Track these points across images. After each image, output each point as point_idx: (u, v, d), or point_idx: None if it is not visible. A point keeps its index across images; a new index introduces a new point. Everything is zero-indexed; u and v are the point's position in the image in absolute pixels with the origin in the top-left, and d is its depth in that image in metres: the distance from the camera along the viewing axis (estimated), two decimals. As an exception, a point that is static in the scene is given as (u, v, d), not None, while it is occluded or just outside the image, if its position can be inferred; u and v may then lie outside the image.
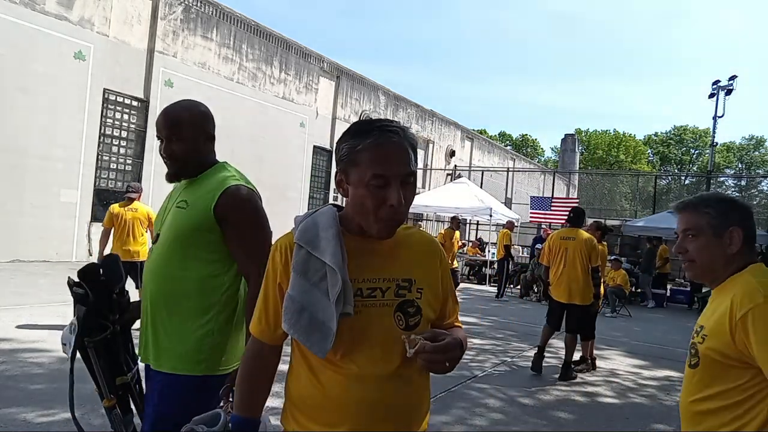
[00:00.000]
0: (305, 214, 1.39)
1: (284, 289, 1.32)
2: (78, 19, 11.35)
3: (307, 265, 1.29)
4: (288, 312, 1.29)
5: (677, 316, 12.41)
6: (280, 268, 1.35)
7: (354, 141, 1.29)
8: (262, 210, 2.01)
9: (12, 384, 4.08)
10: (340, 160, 1.32)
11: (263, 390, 1.43)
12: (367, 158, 1.26)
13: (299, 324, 1.28)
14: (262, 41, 15.91)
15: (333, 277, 1.26)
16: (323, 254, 1.28)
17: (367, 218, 1.29)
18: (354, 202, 1.31)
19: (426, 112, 24.00)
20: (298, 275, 1.29)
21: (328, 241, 1.29)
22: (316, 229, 1.32)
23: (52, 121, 10.99)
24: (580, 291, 5.75)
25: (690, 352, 1.64)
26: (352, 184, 1.29)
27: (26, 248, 10.72)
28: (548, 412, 4.67)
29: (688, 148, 54.63)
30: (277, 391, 4.79)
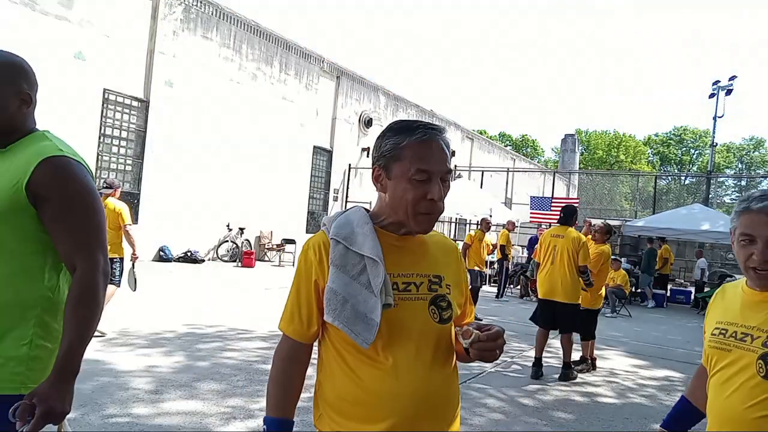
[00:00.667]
0: (335, 214, 1.44)
1: (320, 285, 1.35)
2: (78, 19, 11.35)
3: (346, 260, 1.33)
4: (331, 303, 1.31)
5: (677, 316, 12.41)
6: (315, 264, 1.37)
7: (399, 137, 1.35)
8: (93, 188, 1.58)
9: (12, 384, 4.07)
10: (381, 156, 1.37)
11: (298, 390, 1.43)
12: (411, 154, 1.33)
13: (343, 315, 1.30)
14: (262, 41, 15.91)
15: (374, 268, 1.31)
16: (362, 248, 1.33)
17: (407, 212, 1.34)
18: (394, 195, 1.35)
19: (426, 112, 24.01)
20: (337, 269, 1.33)
21: (365, 235, 1.35)
22: (350, 226, 1.37)
23: (51, 121, 10.97)
24: (563, 288, 5.73)
25: (761, 362, 1.46)
26: (394, 178, 1.35)
27: (26, 248, 10.71)
28: (548, 412, 4.67)
29: (688, 149, 54.64)
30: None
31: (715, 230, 13.03)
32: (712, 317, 1.66)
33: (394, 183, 1.35)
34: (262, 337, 6.39)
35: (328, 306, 1.31)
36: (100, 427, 3.48)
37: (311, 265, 1.37)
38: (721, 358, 1.54)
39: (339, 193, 19.48)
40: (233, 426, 3.71)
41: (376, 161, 1.39)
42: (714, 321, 1.63)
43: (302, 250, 1.42)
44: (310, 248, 1.39)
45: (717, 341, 1.57)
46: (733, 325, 1.55)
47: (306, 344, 1.41)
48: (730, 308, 1.60)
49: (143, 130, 12.83)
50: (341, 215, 1.42)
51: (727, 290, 1.69)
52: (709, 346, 1.59)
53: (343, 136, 19.41)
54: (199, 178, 14.18)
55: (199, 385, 4.44)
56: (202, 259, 13.95)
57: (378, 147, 1.38)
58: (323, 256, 1.36)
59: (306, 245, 1.41)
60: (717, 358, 1.55)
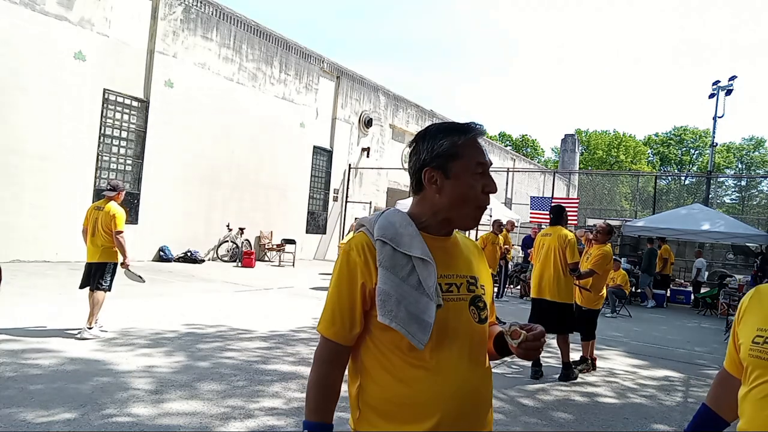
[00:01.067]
0: (374, 216, 1.44)
1: (367, 287, 1.34)
2: (78, 19, 11.35)
3: (394, 261, 1.32)
4: (387, 305, 1.30)
5: (677, 316, 12.41)
6: (360, 266, 1.35)
7: (454, 136, 1.39)
8: None
9: (12, 384, 4.08)
10: (436, 156, 1.38)
11: (337, 394, 1.41)
12: (470, 150, 1.39)
13: (399, 315, 1.29)
14: (262, 41, 15.92)
15: (425, 269, 1.33)
16: (410, 249, 1.33)
17: (467, 208, 1.39)
18: (456, 193, 1.38)
19: (426, 112, 24.01)
20: (387, 270, 1.32)
21: (411, 236, 1.36)
22: (394, 227, 1.37)
23: (51, 121, 11.00)
24: (550, 287, 5.72)
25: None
26: (454, 176, 1.38)
27: (26, 248, 10.73)
28: (548, 412, 4.67)
29: (688, 149, 54.66)
30: (276, 392, 4.77)
31: (715, 230, 13.03)
32: (751, 323, 1.51)
33: (453, 181, 1.37)
34: (262, 337, 6.39)
35: (384, 307, 1.30)
36: (100, 427, 3.48)
37: (355, 267, 1.35)
38: (766, 371, 1.42)
39: (339, 193, 19.48)
40: (233, 426, 3.71)
41: (429, 163, 1.39)
42: (754, 327, 1.48)
43: (342, 252, 1.40)
44: (353, 249, 1.37)
45: (761, 351, 1.44)
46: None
47: (347, 347, 1.39)
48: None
49: (143, 130, 12.83)
50: (380, 217, 1.42)
51: (765, 292, 1.56)
52: (751, 356, 1.45)
53: (343, 136, 19.41)
54: (199, 179, 14.18)
55: (199, 385, 4.45)
56: (202, 260, 13.95)
57: (429, 149, 1.39)
58: (369, 257, 1.35)
59: (347, 247, 1.39)
60: (761, 370, 1.43)
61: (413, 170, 1.43)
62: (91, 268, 5.86)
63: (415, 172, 1.43)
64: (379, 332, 1.35)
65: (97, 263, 5.83)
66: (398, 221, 1.38)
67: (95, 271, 5.83)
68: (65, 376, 4.41)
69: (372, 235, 1.38)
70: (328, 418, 1.39)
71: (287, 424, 3.84)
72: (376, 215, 1.43)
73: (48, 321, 6.13)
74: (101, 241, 5.82)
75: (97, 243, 5.83)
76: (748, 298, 1.59)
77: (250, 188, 15.73)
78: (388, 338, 1.33)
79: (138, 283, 6.31)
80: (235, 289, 10.20)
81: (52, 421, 3.52)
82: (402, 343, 1.32)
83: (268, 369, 5.12)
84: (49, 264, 10.71)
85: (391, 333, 1.31)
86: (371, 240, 1.37)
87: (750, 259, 19.34)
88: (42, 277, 9.20)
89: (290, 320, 7.53)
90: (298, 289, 10.90)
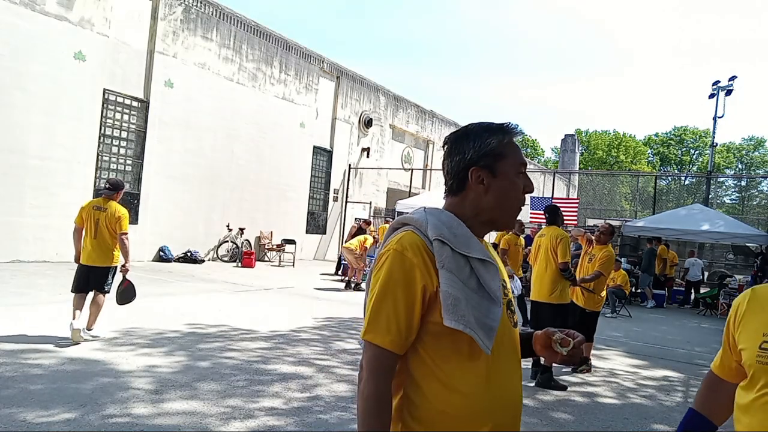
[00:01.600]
0: (419, 214, 1.36)
1: (429, 290, 1.26)
2: (78, 20, 11.36)
3: (454, 262, 1.26)
4: (458, 309, 1.23)
5: (677, 316, 12.41)
6: (419, 268, 1.26)
7: (500, 135, 1.37)
8: None
9: (12, 384, 4.09)
10: (484, 155, 1.35)
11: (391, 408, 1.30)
12: (513, 150, 1.38)
13: (469, 320, 1.23)
14: (262, 41, 15.92)
15: (485, 271, 1.29)
16: (468, 250, 1.28)
17: (512, 207, 1.37)
18: (502, 191, 1.35)
19: (426, 112, 24.01)
20: (451, 273, 1.25)
21: (467, 237, 1.31)
22: (448, 228, 1.30)
23: (51, 121, 11.00)
24: (540, 287, 5.70)
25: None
26: (501, 175, 1.35)
27: (26, 248, 10.73)
28: (548, 412, 4.68)
29: (688, 149, 54.65)
30: (277, 392, 4.76)
31: (715, 230, 13.03)
32: (753, 327, 1.45)
33: (500, 181, 1.35)
34: (262, 337, 6.39)
35: (455, 312, 1.22)
36: (100, 427, 3.48)
37: (413, 268, 1.25)
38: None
39: (339, 193, 19.48)
40: (233, 426, 3.71)
41: (476, 162, 1.35)
42: (759, 333, 1.42)
43: (393, 252, 1.28)
44: (408, 250, 1.27)
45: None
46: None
47: (400, 356, 1.27)
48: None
49: (143, 130, 12.83)
50: (428, 215, 1.34)
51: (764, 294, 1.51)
52: (759, 362, 1.40)
53: (343, 136, 19.41)
54: (199, 179, 14.18)
55: (199, 385, 4.45)
56: (202, 260, 13.95)
57: (477, 148, 1.35)
58: (426, 258, 1.26)
59: (398, 247, 1.28)
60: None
61: (455, 170, 1.38)
62: (89, 271, 5.57)
63: (458, 172, 1.37)
64: (432, 339, 1.27)
65: (101, 267, 5.58)
66: (448, 221, 1.32)
67: (99, 275, 5.59)
68: (65, 376, 4.41)
69: (424, 234, 1.29)
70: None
71: (287, 423, 3.84)
72: (420, 213, 1.35)
73: (48, 321, 6.12)
74: (105, 243, 5.56)
75: (101, 245, 5.55)
76: (746, 301, 1.52)
77: (250, 188, 15.73)
78: (445, 345, 1.26)
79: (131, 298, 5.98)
80: (235, 289, 10.20)
81: (52, 421, 3.52)
82: (463, 350, 1.25)
83: (269, 369, 5.12)
84: (49, 264, 10.71)
85: (448, 339, 1.25)
86: (424, 240, 1.28)
87: (750, 259, 19.34)
88: (42, 277, 9.20)
89: (290, 320, 7.53)
90: (298, 290, 10.90)
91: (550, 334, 1.39)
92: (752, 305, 1.50)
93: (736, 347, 1.51)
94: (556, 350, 1.37)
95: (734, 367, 1.56)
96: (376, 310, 1.26)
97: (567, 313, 5.87)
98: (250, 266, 14.20)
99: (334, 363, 5.52)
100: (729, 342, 1.55)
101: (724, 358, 1.59)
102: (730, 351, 1.56)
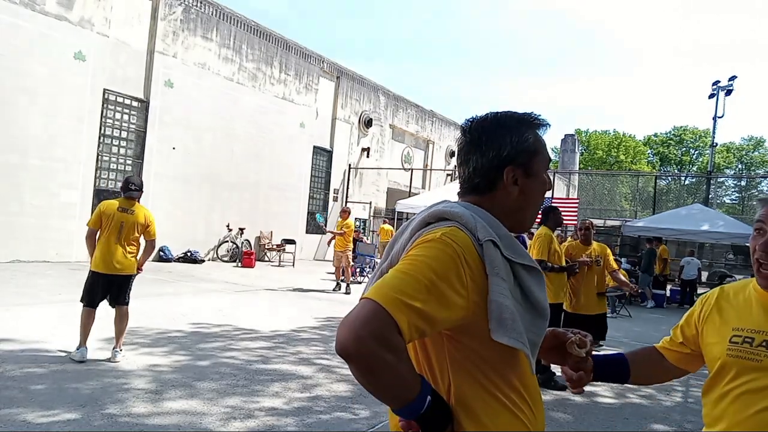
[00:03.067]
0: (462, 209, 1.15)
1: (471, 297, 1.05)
2: (78, 20, 11.36)
3: (505, 269, 1.10)
4: (516, 323, 1.06)
5: (677, 316, 12.39)
6: (470, 268, 1.06)
7: (532, 129, 1.23)
8: None
9: (12, 384, 4.09)
10: (520, 152, 1.19)
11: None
12: (544, 146, 1.25)
13: (522, 336, 1.08)
14: (262, 41, 15.92)
15: (532, 279, 1.15)
16: (517, 255, 1.13)
17: (537, 209, 1.26)
18: (535, 192, 1.23)
19: (426, 112, 24.01)
20: (504, 281, 1.08)
21: (511, 240, 1.15)
22: (493, 227, 1.14)
23: (52, 121, 11.00)
24: None
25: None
26: (534, 174, 1.21)
27: (26, 248, 10.73)
28: (548, 412, 4.67)
29: (688, 149, 54.63)
30: (277, 391, 4.77)
31: (715, 230, 13.03)
32: (722, 322, 1.52)
33: (532, 180, 1.21)
34: (262, 337, 6.40)
35: (512, 327, 1.05)
36: (101, 427, 3.48)
37: (461, 266, 1.05)
38: (745, 370, 1.42)
39: (339, 193, 19.48)
40: (233, 426, 3.71)
41: (511, 160, 1.18)
42: (729, 327, 1.49)
43: (440, 242, 1.06)
44: (456, 244, 1.06)
45: (741, 351, 1.44)
46: (761, 334, 1.43)
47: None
48: (745, 313, 1.48)
49: (143, 130, 12.83)
50: (471, 211, 1.15)
51: (731, 292, 1.57)
52: (729, 355, 1.45)
53: (343, 136, 19.42)
54: (199, 179, 14.18)
55: (199, 385, 4.45)
56: (202, 260, 13.95)
57: (514, 143, 1.19)
58: (477, 260, 1.08)
59: (447, 239, 1.07)
60: (738, 368, 1.43)
61: (487, 167, 1.19)
62: (110, 280, 4.98)
63: (489, 170, 1.19)
64: (494, 356, 1.09)
65: (125, 275, 5.06)
66: (492, 221, 1.15)
67: (123, 283, 5.06)
68: (66, 376, 4.41)
69: (471, 233, 1.10)
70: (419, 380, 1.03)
71: (287, 423, 3.84)
72: (461, 209, 1.15)
73: (48, 321, 6.12)
74: (132, 249, 5.11)
75: (129, 251, 5.07)
76: (714, 297, 1.59)
77: (250, 188, 15.74)
78: (509, 361, 1.11)
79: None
80: (235, 289, 10.20)
81: (53, 421, 3.52)
82: (522, 366, 1.12)
83: (269, 369, 5.12)
84: (49, 264, 10.71)
85: (507, 353, 1.08)
86: (473, 240, 1.09)
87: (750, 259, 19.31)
88: (42, 277, 9.20)
89: (291, 320, 7.54)
90: (298, 290, 10.91)
91: (559, 335, 1.33)
92: (720, 302, 1.57)
93: (697, 338, 1.59)
94: (572, 352, 1.31)
95: (682, 353, 1.63)
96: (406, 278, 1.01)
97: (560, 314, 5.78)
98: (250, 266, 14.20)
99: (334, 363, 5.51)
100: (688, 329, 1.63)
101: (675, 340, 1.66)
102: (684, 337, 1.63)
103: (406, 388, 0.99)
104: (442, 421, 1.05)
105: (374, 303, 0.96)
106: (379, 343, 0.93)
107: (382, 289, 0.99)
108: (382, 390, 1.00)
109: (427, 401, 1.01)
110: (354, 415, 4.11)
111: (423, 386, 1.02)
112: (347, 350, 0.94)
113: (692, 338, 1.61)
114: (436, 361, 1.12)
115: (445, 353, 1.11)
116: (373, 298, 0.97)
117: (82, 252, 5.85)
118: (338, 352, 0.95)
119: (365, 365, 0.95)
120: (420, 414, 1.01)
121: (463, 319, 1.05)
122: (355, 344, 0.93)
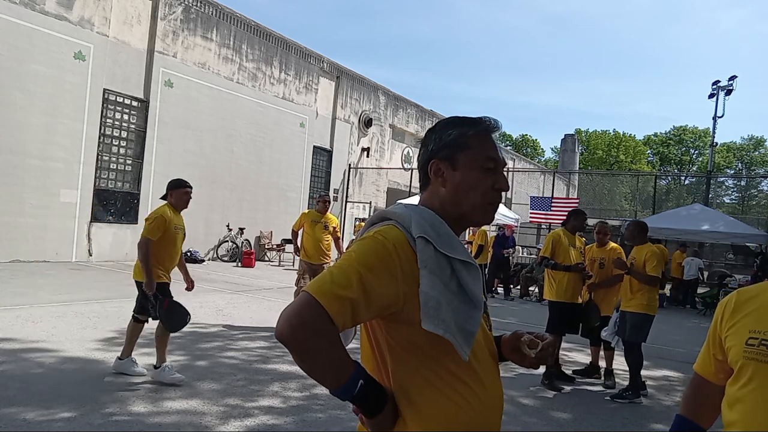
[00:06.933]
0: (401, 209, 1.25)
1: (400, 289, 1.14)
2: (78, 19, 11.36)
3: (436, 263, 1.17)
4: (440, 312, 1.14)
5: (677, 316, 12.41)
6: (400, 262, 1.14)
7: (464, 127, 1.30)
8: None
9: (12, 384, 4.09)
10: (443, 146, 1.28)
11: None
12: (480, 142, 1.29)
13: (449, 324, 1.14)
14: (262, 41, 15.92)
15: (467, 273, 1.21)
16: (451, 250, 1.19)
17: (475, 202, 1.28)
18: (461, 186, 1.27)
19: (426, 112, 24.01)
20: (433, 274, 1.15)
21: (450, 237, 1.22)
22: (431, 225, 1.21)
23: (51, 121, 11.00)
24: (548, 287, 5.80)
25: None
26: (461, 168, 1.27)
27: (26, 248, 10.73)
28: (548, 412, 4.68)
29: (687, 149, 54.62)
30: (275, 391, 4.75)
31: (715, 230, 13.02)
32: (741, 326, 1.52)
33: (460, 174, 1.27)
34: (262, 337, 6.40)
35: (436, 315, 1.13)
36: (100, 427, 3.48)
37: (393, 261, 1.14)
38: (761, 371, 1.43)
39: (339, 193, 19.48)
40: (232, 425, 3.71)
41: (436, 153, 1.28)
42: (746, 330, 1.49)
43: (373, 240, 1.17)
44: (388, 241, 1.16)
45: (757, 353, 1.44)
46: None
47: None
48: (764, 315, 1.49)
49: (143, 130, 12.83)
50: (410, 211, 1.24)
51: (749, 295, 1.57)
52: (746, 357, 1.46)
53: (343, 136, 19.42)
54: (199, 179, 14.17)
55: (198, 385, 4.45)
56: (202, 259, 13.95)
57: (437, 139, 1.29)
58: (410, 255, 1.16)
59: (380, 237, 1.17)
60: (754, 370, 1.44)
61: (420, 164, 1.32)
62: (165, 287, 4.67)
63: (422, 166, 1.31)
64: (426, 343, 1.17)
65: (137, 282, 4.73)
66: (431, 219, 1.23)
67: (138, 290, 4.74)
68: (65, 375, 4.41)
69: (406, 230, 1.19)
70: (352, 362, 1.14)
71: (286, 423, 3.84)
72: (401, 208, 1.26)
73: (48, 321, 6.12)
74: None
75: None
76: (732, 302, 1.58)
77: (250, 188, 15.73)
78: (442, 349, 1.16)
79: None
80: (235, 289, 10.20)
81: (53, 420, 3.52)
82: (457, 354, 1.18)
83: (268, 368, 5.12)
84: (49, 264, 10.71)
85: (441, 340, 1.15)
86: (408, 236, 1.18)
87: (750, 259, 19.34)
88: (42, 277, 9.20)
89: (290, 320, 7.53)
90: (298, 289, 10.90)
91: (518, 336, 1.35)
92: (738, 306, 1.57)
93: (723, 346, 1.57)
94: (523, 351, 1.34)
95: (717, 366, 1.60)
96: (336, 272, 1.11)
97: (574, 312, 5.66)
98: (250, 266, 14.20)
99: (334, 363, 5.50)
100: (715, 341, 1.61)
101: (706, 356, 1.64)
102: (716, 350, 1.60)
103: (339, 371, 1.11)
104: (376, 402, 1.14)
105: (308, 295, 1.08)
106: (310, 331, 1.05)
107: (316, 282, 1.11)
108: (317, 373, 1.11)
109: (358, 384, 1.11)
110: (352, 414, 4.11)
111: (356, 370, 1.12)
112: (283, 337, 1.06)
113: (720, 346, 1.59)
114: (377, 349, 1.23)
115: (385, 342, 1.20)
116: (308, 290, 1.09)
117: (82, 252, 5.86)
118: (277, 339, 1.07)
119: (299, 351, 1.07)
120: (354, 395, 1.12)
121: (394, 306, 1.14)
122: (289, 332, 1.05)
